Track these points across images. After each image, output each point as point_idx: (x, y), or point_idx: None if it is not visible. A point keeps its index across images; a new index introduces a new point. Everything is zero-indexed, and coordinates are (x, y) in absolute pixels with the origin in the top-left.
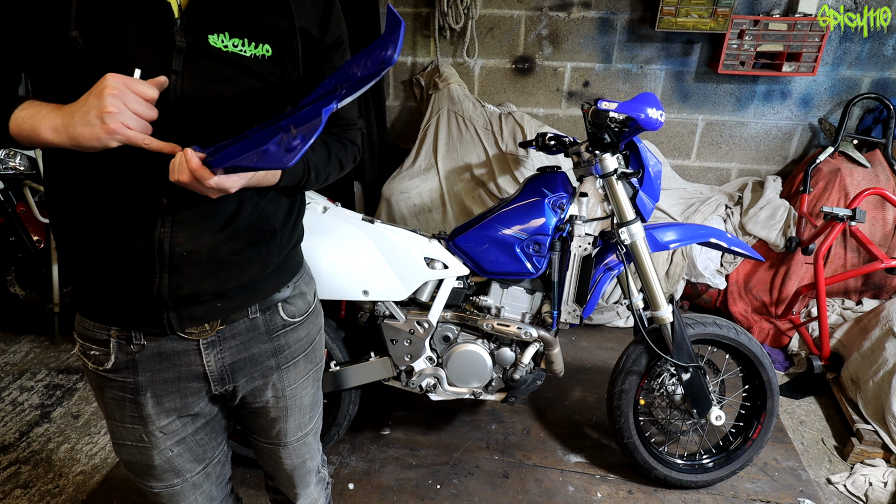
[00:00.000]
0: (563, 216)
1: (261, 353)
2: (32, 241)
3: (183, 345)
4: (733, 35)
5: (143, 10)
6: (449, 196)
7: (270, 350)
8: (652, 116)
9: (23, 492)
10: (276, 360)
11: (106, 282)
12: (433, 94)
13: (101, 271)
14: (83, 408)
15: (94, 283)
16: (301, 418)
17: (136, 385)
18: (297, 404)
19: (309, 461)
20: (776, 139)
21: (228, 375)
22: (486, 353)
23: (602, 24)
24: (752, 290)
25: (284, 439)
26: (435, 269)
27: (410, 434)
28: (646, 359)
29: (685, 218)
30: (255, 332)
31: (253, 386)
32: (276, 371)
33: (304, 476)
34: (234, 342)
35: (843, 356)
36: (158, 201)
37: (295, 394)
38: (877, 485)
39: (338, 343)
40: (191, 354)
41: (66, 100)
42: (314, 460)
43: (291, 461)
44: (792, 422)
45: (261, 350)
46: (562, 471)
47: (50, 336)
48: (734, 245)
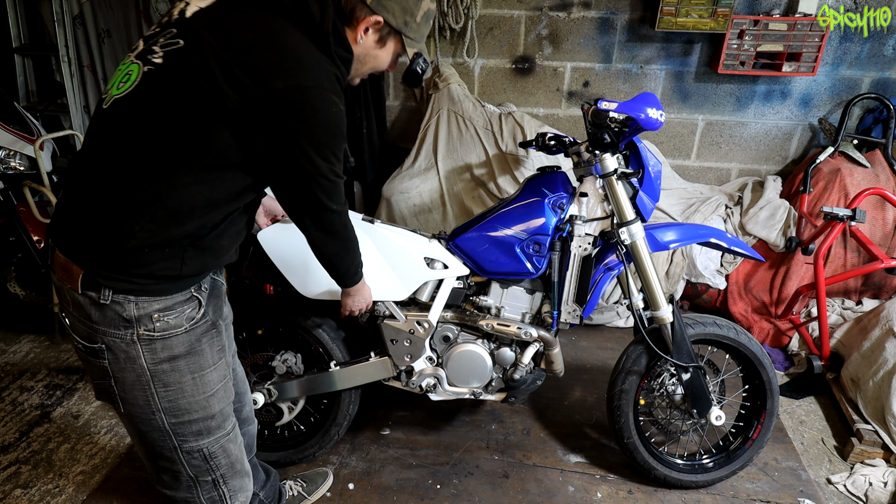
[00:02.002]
0: (563, 216)
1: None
2: (32, 241)
3: (218, 276)
4: (733, 35)
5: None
6: (449, 196)
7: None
8: (652, 116)
9: (23, 492)
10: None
11: (222, 254)
12: (433, 94)
13: (226, 249)
14: (83, 408)
15: (216, 258)
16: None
17: (212, 319)
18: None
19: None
20: (776, 139)
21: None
22: (486, 353)
23: (602, 24)
24: (752, 290)
25: (232, 349)
26: (435, 269)
27: (410, 434)
28: (646, 359)
29: (685, 218)
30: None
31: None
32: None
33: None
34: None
35: (843, 356)
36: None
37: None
38: (877, 485)
39: (338, 343)
40: (219, 281)
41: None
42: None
43: (240, 369)
44: (792, 422)
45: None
46: (562, 471)
47: (50, 335)
48: (734, 245)
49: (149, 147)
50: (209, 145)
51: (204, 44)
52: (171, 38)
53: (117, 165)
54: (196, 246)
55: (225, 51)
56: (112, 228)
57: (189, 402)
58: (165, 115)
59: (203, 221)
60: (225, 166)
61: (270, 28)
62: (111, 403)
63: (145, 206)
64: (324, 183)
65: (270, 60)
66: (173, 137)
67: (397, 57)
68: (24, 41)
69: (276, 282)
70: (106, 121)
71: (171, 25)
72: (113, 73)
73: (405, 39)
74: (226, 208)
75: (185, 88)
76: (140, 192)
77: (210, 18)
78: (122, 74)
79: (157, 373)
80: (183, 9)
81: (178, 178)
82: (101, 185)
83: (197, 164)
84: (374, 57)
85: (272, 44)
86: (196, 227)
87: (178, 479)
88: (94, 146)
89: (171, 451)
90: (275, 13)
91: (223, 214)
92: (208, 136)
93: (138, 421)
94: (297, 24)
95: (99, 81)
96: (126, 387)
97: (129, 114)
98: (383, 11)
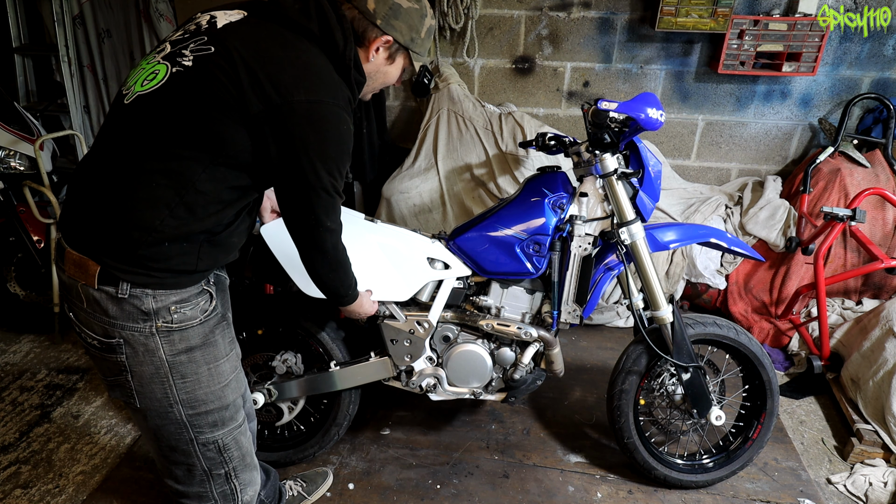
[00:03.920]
0: (563, 216)
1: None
2: (32, 241)
3: (222, 272)
4: (733, 35)
5: None
6: (449, 196)
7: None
8: (652, 116)
9: (23, 492)
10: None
11: (231, 251)
12: (433, 94)
13: (235, 247)
14: (83, 408)
15: (226, 254)
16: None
17: (222, 311)
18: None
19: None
20: (776, 139)
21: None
22: (486, 353)
23: (602, 24)
24: (752, 290)
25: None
26: (435, 269)
27: (410, 434)
28: (646, 359)
29: (685, 218)
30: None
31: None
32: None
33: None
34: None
35: (843, 356)
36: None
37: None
38: (877, 485)
39: (338, 343)
40: (222, 275)
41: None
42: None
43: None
44: (792, 422)
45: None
46: (562, 471)
47: (50, 335)
48: (734, 245)
49: (169, 141)
50: (225, 144)
51: (234, 53)
52: (202, 45)
53: (137, 159)
54: (211, 242)
55: (254, 61)
56: (132, 223)
57: (206, 393)
58: (189, 113)
59: (218, 218)
60: (235, 166)
61: (297, 48)
62: (126, 399)
63: (164, 200)
64: (323, 196)
65: (294, 75)
66: (193, 133)
67: (403, 71)
68: (24, 41)
69: (276, 281)
70: (127, 116)
71: (202, 34)
72: (130, 72)
73: (412, 54)
74: (235, 205)
75: (211, 91)
76: (159, 186)
77: (241, 31)
78: (147, 73)
79: (175, 364)
80: (211, 20)
81: (193, 173)
82: (119, 180)
83: (212, 160)
84: (385, 73)
85: (297, 61)
86: (213, 224)
87: (191, 472)
88: (112, 141)
89: (188, 443)
90: (302, 36)
91: (235, 211)
92: (227, 136)
93: (154, 415)
94: (322, 48)
95: (99, 81)
96: (143, 381)
97: (153, 109)
98: (392, 31)
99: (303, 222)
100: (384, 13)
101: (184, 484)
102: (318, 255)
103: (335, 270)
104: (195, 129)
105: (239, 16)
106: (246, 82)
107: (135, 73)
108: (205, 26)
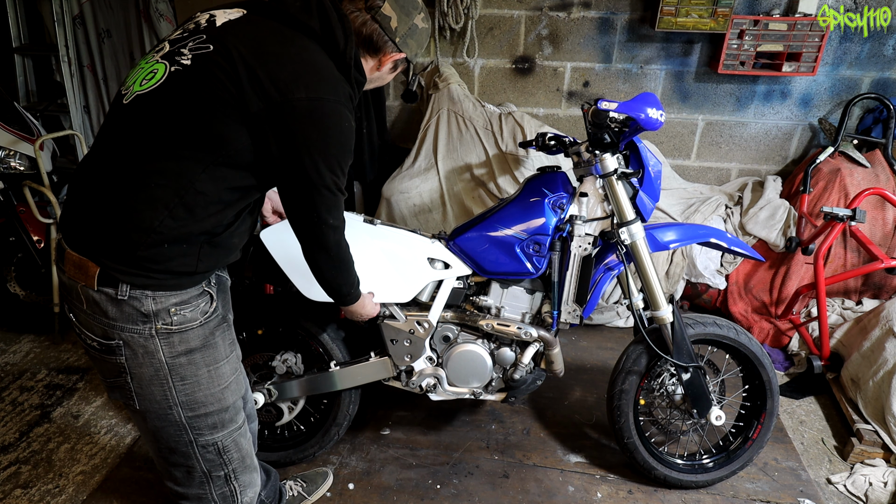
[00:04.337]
0: (563, 216)
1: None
2: (32, 241)
3: (223, 273)
4: (733, 35)
5: None
6: (449, 196)
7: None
8: (652, 116)
9: (23, 492)
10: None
11: (232, 252)
12: (433, 94)
13: (236, 247)
14: (83, 408)
15: (227, 255)
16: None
17: (223, 313)
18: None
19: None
20: (776, 139)
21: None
22: (486, 353)
23: (602, 24)
24: (752, 290)
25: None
26: (436, 268)
27: (410, 434)
28: (646, 359)
29: (685, 218)
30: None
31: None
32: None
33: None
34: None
35: (843, 356)
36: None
37: None
38: (877, 485)
39: (338, 343)
40: (223, 276)
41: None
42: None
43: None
44: (792, 422)
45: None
46: (562, 471)
47: (50, 335)
48: (734, 245)
49: (168, 141)
50: (226, 144)
51: (233, 51)
52: (201, 43)
53: (137, 159)
54: (211, 243)
55: (253, 58)
56: (131, 224)
57: (205, 395)
58: (188, 112)
59: (218, 219)
60: (236, 165)
61: (297, 45)
62: (125, 401)
63: (164, 201)
64: (326, 194)
65: (294, 72)
66: (193, 133)
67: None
68: (24, 41)
69: (276, 282)
70: (126, 115)
71: (200, 32)
72: (129, 72)
73: (410, 65)
74: (236, 206)
75: (210, 89)
76: (159, 187)
77: (240, 29)
78: (145, 72)
79: (174, 366)
80: (210, 19)
81: (193, 173)
82: (119, 181)
83: (212, 160)
84: (382, 79)
85: (297, 58)
86: (212, 225)
87: (191, 474)
88: (111, 141)
89: (187, 445)
90: (303, 33)
91: (235, 212)
92: (227, 135)
93: (154, 417)
94: (322, 45)
95: (99, 81)
96: (143, 382)
97: (152, 109)
98: (406, 49)
99: (306, 220)
100: (404, 32)
101: (183, 486)
102: (322, 253)
103: (338, 268)
104: (194, 128)
105: (238, 14)
106: (245, 80)
107: (134, 72)
108: (204, 25)
